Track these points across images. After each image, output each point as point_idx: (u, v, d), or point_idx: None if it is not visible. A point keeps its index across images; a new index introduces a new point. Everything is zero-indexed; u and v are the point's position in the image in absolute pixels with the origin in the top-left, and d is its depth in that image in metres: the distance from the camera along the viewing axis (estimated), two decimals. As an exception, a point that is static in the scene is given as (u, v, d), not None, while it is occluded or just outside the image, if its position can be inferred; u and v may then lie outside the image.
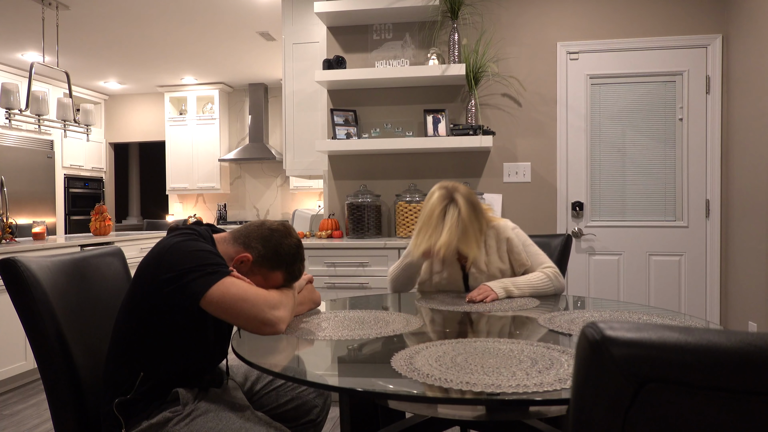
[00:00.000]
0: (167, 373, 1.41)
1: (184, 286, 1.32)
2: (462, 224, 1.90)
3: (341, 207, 3.74)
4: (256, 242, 1.50)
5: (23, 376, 3.62)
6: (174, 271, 1.33)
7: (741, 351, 0.56)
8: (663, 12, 3.47)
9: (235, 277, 1.38)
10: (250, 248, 1.50)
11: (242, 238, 1.52)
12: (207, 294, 1.32)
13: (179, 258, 1.35)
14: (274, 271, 1.51)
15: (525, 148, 3.60)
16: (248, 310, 1.36)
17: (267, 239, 1.51)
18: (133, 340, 1.40)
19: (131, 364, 1.39)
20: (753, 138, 3.11)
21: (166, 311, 1.37)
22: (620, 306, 1.86)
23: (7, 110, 4.22)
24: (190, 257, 1.35)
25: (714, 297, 3.45)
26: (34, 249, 3.55)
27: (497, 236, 2.08)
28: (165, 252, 1.37)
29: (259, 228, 1.53)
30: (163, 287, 1.34)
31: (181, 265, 1.33)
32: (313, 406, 1.68)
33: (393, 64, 3.46)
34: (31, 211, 6.49)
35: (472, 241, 1.92)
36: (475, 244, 1.94)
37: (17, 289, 1.39)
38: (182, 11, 4.86)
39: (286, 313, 1.44)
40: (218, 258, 1.40)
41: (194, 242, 1.40)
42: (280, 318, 1.40)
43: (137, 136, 8.26)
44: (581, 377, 0.62)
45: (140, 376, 1.38)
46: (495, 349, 1.25)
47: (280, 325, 1.40)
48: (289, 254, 1.52)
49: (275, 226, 1.54)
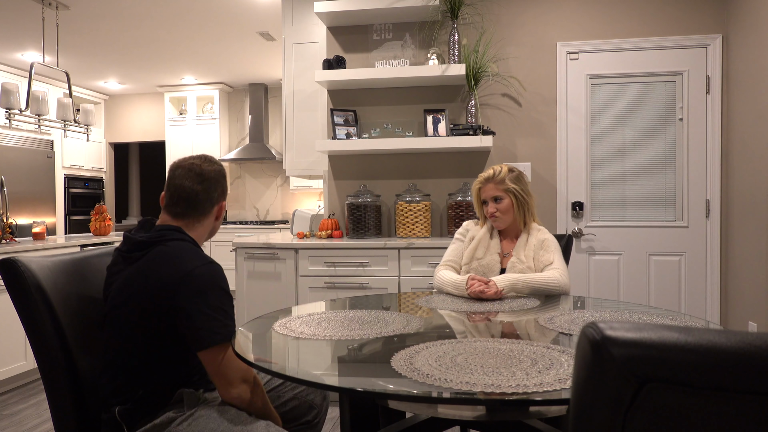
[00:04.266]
0: (166, 378, 1.41)
1: (196, 330, 1.33)
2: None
3: (341, 207, 3.74)
4: (209, 190, 1.53)
5: (23, 376, 3.62)
6: (193, 310, 1.33)
7: (741, 351, 0.56)
8: (663, 12, 3.47)
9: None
10: (213, 199, 1.55)
11: (201, 202, 1.53)
12: (208, 350, 1.34)
13: (203, 298, 1.35)
14: (226, 189, 1.62)
15: (525, 148, 3.60)
16: (221, 381, 1.37)
17: (208, 180, 1.53)
18: (129, 350, 1.39)
19: (130, 372, 1.39)
20: (753, 138, 3.11)
21: (171, 327, 1.37)
22: (620, 306, 1.86)
23: (7, 110, 4.22)
24: (213, 306, 1.35)
25: (714, 297, 3.45)
26: (34, 249, 3.55)
27: (539, 236, 2.16)
28: (187, 280, 1.35)
29: (200, 183, 1.52)
30: (179, 314, 1.34)
31: (202, 310, 1.34)
32: (311, 407, 1.68)
33: (393, 64, 3.46)
34: (31, 211, 6.49)
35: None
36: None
37: (17, 289, 1.39)
38: (182, 11, 4.86)
39: (247, 396, 1.40)
40: (230, 308, 1.41)
41: (216, 279, 1.39)
42: (241, 397, 1.38)
43: (137, 136, 8.26)
44: (581, 377, 0.62)
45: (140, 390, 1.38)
46: (495, 349, 1.25)
47: (238, 399, 1.39)
48: (223, 169, 1.60)
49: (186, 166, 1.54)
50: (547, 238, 2.16)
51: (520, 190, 2.13)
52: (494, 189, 2.13)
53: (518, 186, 2.14)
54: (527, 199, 2.15)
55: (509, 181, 2.13)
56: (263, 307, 3.17)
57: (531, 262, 2.10)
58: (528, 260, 2.10)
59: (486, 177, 2.16)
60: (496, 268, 2.12)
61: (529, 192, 2.17)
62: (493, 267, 2.12)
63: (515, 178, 2.15)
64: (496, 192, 2.13)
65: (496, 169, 2.17)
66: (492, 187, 2.14)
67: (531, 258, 2.11)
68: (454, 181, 3.61)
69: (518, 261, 2.10)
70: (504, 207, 2.12)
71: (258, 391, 1.43)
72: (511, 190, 2.12)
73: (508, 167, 2.17)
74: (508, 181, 2.13)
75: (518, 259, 2.11)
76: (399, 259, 3.15)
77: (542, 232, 2.17)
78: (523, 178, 2.19)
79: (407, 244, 3.14)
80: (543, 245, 2.13)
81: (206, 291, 1.35)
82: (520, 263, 2.10)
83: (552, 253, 2.11)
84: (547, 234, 2.18)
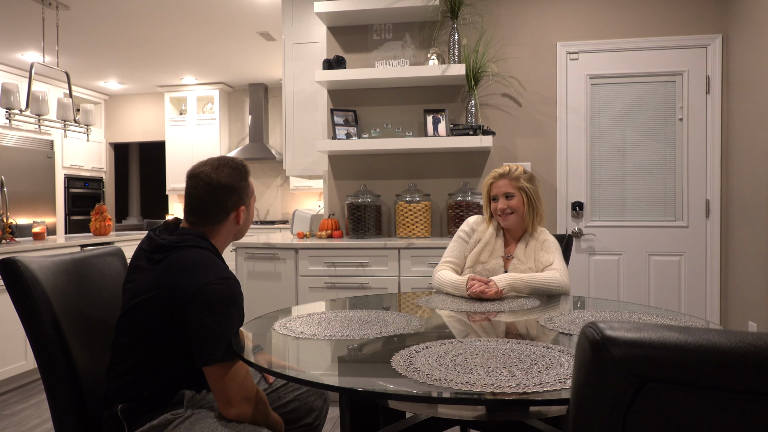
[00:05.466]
0: (172, 378, 1.41)
1: (201, 346, 1.32)
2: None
3: (341, 207, 3.74)
4: (220, 200, 1.48)
5: (23, 376, 3.62)
6: (200, 326, 1.32)
7: (741, 351, 0.56)
8: (663, 12, 3.47)
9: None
10: (227, 208, 1.49)
11: (214, 212, 1.49)
12: (211, 367, 1.32)
13: (213, 315, 1.33)
14: (249, 193, 1.55)
15: (525, 148, 3.60)
16: (221, 399, 1.35)
17: (218, 189, 1.47)
18: (138, 349, 1.39)
19: (135, 371, 1.39)
20: (753, 138, 3.11)
21: (181, 335, 1.37)
22: (620, 306, 1.86)
23: (7, 110, 4.22)
24: (221, 324, 1.33)
25: (714, 297, 3.45)
26: (34, 249, 3.55)
27: (540, 237, 2.16)
28: (198, 294, 1.33)
29: (208, 194, 1.47)
30: (187, 326, 1.33)
31: (210, 327, 1.32)
32: (312, 409, 1.68)
33: (393, 64, 3.46)
34: (31, 211, 6.49)
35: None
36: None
37: (17, 289, 1.38)
38: (182, 11, 4.86)
39: (248, 415, 1.37)
40: (239, 326, 1.39)
41: (230, 297, 1.36)
42: (241, 417, 1.36)
43: (137, 136, 8.26)
44: (581, 377, 0.62)
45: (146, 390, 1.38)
46: (495, 349, 1.25)
47: (237, 418, 1.36)
48: (242, 170, 1.53)
49: (196, 175, 1.49)
50: (548, 238, 2.16)
51: (533, 191, 2.14)
52: (507, 185, 2.13)
53: (531, 186, 2.14)
54: (538, 202, 2.15)
55: (524, 180, 2.14)
56: (263, 307, 3.17)
57: (532, 263, 2.10)
58: (529, 260, 2.11)
59: (501, 173, 2.17)
60: (499, 272, 2.12)
61: (540, 197, 2.18)
62: (497, 271, 2.12)
63: (529, 179, 2.16)
64: (509, 188, 2.13)
65: (512, 166, 2.18)
66: (506, 183, 2.14)
67: (532, 258, 2.11)
68: (454, 181, 3.61)
69: (519, 263, 2.11)
70: (514, 204, 2.12)
71: (260, 408, 1.40)
72: (524, 189, 2.12)
73: (524, 168, 2.19)
74: (522, 179, 2.14)
75: (519, 261, 2.11)
76: (399, 259, 3.15)
77: (544, 233, 2.18)
78: (537, 181, 2.20)
79: (407, 244, 3.14)
80: (543, 246, 2.13)
81: (217, 308, 1.33)
82: (521, 264, 2.10)
83: (552, 253, 2.11)
84: (548, 235, 2.18)
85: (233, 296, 1.37)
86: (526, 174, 2.17)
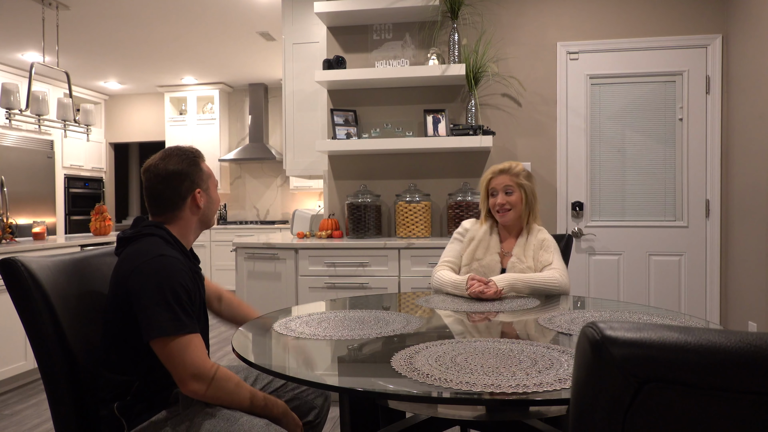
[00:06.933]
0: (161, 371, 1.41)
1: (141, 322, 1.33)
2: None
3: (341, 207, 3.74)
4: (173, 186, 1.51)
5: (23, 376, 3.62)
6: (138, 303, 1.33)
7: (741, 351, 0.56)
8: (663, 12, 3.47)
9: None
10: (181, 193, 1.51)
11: (169, 199, 1.52)
12: (153, 342, 1.33)
13: (147, 291, 1.33)
14: (203, 177, 1.58)
15: (525, 148, 3.60)
16: (174, 376, 1.34)
17: (168, 178, 1.51)
18: (124, 344, 1.40)
19: (126, 367, 1.40)
20: (753, 138, 3.11)
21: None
22: (620, 306, 1.86)
23: (7, 110, 4.22)
24: (156, 299, 1.33)
25: (714, 297, 3.45)
26: (34, 249, 3.55)
27: (539, 235, 2.17)
28: (135, 274, 1.36)
29: (160, 183, 1.51)
30: (132, 308, 1.35)
31: (144, 303, 1.33)
32: (312, 407, 1.68)
33: (393, 64, 3.46)
34: (31, 211, 6.49)
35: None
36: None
37: (17, 289, 1.39)
38: (182, 11, 4.86)
39: (200, 393, 1.33)
40: (178, 301, 1.36)
41: (161, 272, 1.36)
42: (196, 394, 1.33)
43: (137, 136, 8.26)
44: (581, 377, 0.62)
45: (136, 381, 1.39)
46: (495, 349, 1.25)
47: (194, 394, 1.34)
48: (190, 155, 1.57)
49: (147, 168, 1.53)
50: (547, 238, 2.17)
51: (531, 188, 2.18)
52: (508, 180, 2.16)
53: (530, 184, 2.19)
54: (534, 201, 2.20)
55: (523, 177, 2.17)
56: (263, 307, 3.16)
57: (531, 262, 2.10)
58: (528, 260, 2.11)
59: (501, 168, 2.20)
60: (496, 268, 2.12)
61: (536, 195, 2.22)
62: (494, 267, 2.12)
63: (528, 176, 2.20)
64: (509, 183, 2.16)
65: (513, 163, 2.21)
66: (506, 178, 2.17)
67: (531, 258, 2.11)
68: (454, 181, 3.61)
69: (518, 261, 2.11)
70: (513, 200, 2.15)
71: (220, 387, 1.34)
72: (523, 186, 2.16)
73: (523, 166, 2.23)
74: (522, 176, 2.17)
75: (518, 259, 2.11)
76: (399, 259, 3.15)
77: (542, 232, 2.18)
78: (534, 180, 2.25)
79: (407, 244, 3.14)
80: (543, 245, 2.13)
81: (149, 284, 1.34)
82: (521, 263, 2.10)
83: (551, 253, 2.11)
84: (547, 234, 2.19)
85: (165, 270, 1.37)
86: (526, 171, 2.21)
